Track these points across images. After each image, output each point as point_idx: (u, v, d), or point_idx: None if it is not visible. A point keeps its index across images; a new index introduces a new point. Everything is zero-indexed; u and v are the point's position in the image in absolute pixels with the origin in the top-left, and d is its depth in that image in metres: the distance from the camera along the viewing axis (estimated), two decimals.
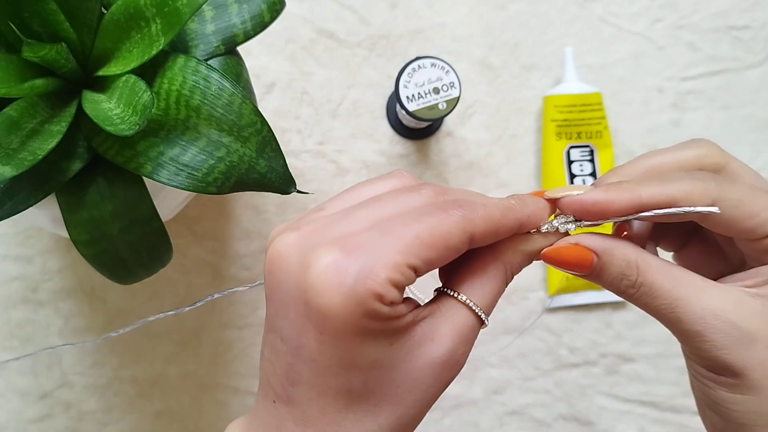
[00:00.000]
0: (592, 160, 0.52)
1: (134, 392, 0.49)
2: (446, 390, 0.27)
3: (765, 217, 0.25)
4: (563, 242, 0.26)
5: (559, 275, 0.52)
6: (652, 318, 0.27)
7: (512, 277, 0.27)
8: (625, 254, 0.26)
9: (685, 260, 0.31)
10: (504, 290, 0.26)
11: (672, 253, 0.32)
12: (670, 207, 0.25)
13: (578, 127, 0.52)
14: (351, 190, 0.26)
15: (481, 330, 0.26)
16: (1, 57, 0.29)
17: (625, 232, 0.28)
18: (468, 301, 0.25)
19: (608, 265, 0.26)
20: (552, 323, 0.52)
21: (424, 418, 0.26)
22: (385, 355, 0.23)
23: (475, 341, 0.26)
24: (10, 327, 0.49)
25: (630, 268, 0.26)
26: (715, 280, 0.27)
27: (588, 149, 0.52)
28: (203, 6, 0.32)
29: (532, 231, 0.27)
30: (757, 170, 0.28)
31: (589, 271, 0.26)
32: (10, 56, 0.29)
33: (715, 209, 0.25)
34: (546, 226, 0.27)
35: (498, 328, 0.51)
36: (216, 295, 0.30)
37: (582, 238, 0.26)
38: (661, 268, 0.26)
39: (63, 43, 0.29)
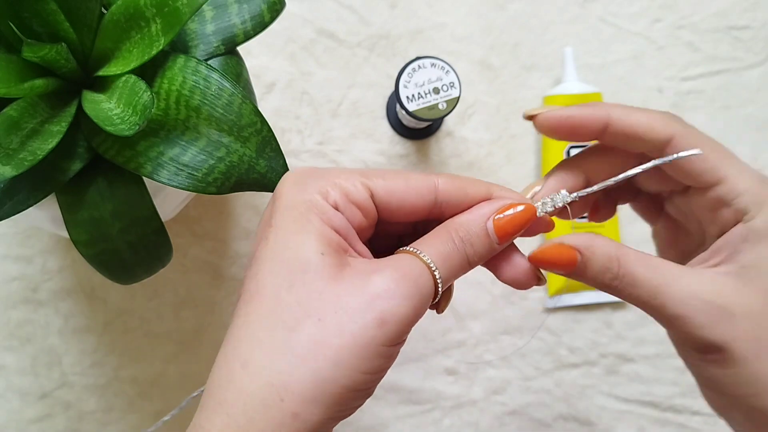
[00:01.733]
0: None
1: (134, 392, 0.49)
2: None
3: (713, 164, 0.27)
4: (548, 243, 0.27)
5: (559, 275, 0.52)
6: (652, 318, 0.27)
7: (465, 243, 0.27)
8: (605, 249, 0.27)
9: (657, 237, 0.33)
10: (458, 255, 0.26)
11: (651, 229, 0.34)
12: (635, 132, 0.27)
13: None
14: None
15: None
16: (1, 57, 0.29)
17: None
18: (411, 248, 0.26)
19: (591, 261, 0.27)
20: (552, 323, 0.52)
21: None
22: (313, 260, 0.24)
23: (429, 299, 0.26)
24: (10, 327, 0.49)
25: (611, 261, 0.27)
26: (682, 257, 0.29)
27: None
28: (203, 6, 0.32)
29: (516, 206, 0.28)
30: (756, 170, 0.28)
31: (575, 268, 0.27)
32: (10, 56, 0.29)
33: (697, 151, 0.27)
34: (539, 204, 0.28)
35: (498, 328, 0.51)
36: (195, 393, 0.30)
37: (564, 238, 0.27)
38: (640, 259, 0.27)
39: (63, 43, 0.29)
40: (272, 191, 0.33)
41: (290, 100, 0.51)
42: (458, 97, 0.46)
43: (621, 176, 0.28)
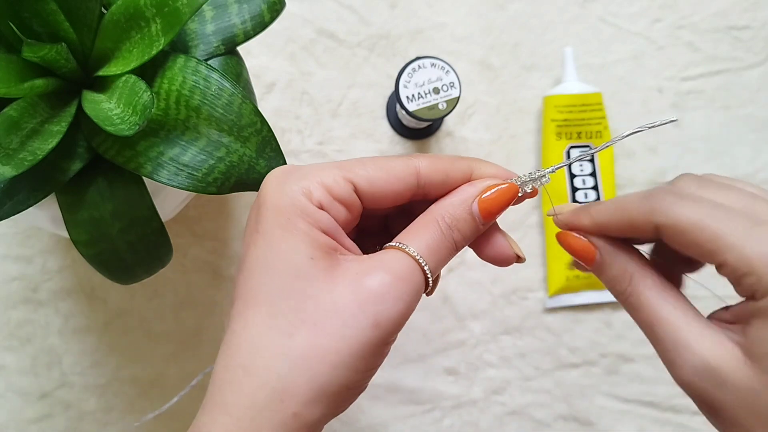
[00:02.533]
0: (592, 160, 0.52)
1: (134, 392, 0.49)
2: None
3: (712, 246, 0.23)
4: (575, 233, 0.27)
5: (559, 275, 0.52)
6: None
7: (452, 230, 0.27)
8: (623, 263, 0.26)
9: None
10: (446, 243, 0.26)
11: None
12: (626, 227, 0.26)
13: (578, 127, 0.52)
14: None
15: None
16: (1, 57, 0.29)
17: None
18: (398, 244, 0.26)
19: (607, 266, 0.27)
20: (552, 323, 0.52)
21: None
22: (304, 266, 0.24)
23: (419, 294, 0.26)
24: (10, 327, 0.49)
25: (624, 276, 0.26)
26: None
27: (588, 149, 0.52)
28: (203, 6, 0.32)
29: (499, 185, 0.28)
30: (756, 170, 0.27)
31: (593, 265, 0.27)
32: (10, 56, 0.29)
33: (674, 118, 0.27)
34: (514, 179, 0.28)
35: (498, 328, 0.51)
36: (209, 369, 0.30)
37: (592, 236, 0.27)
38: (655, 287, 0.26)
39: (63, 43, 0.29)
40: None
41: (290, 100, 0.51)
42: (458, 97, 0.46)
43: (598, 148, 0.28)
